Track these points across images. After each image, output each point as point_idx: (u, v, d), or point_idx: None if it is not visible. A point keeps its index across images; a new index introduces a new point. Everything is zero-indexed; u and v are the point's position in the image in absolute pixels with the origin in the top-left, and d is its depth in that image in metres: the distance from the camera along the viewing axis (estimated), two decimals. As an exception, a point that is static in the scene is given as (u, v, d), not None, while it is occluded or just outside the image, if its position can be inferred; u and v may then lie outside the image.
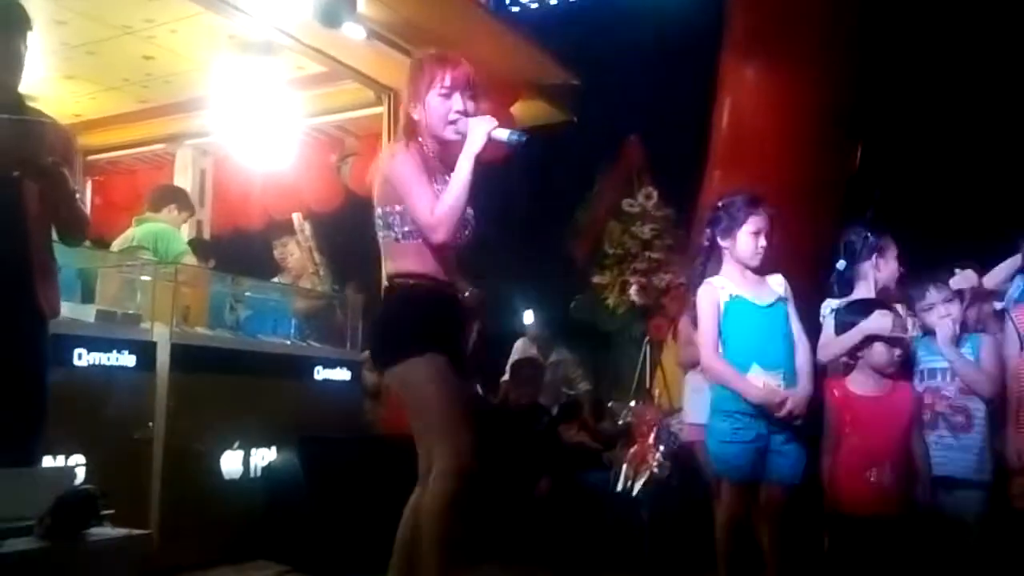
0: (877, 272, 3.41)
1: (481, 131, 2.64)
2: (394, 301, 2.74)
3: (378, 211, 2.73)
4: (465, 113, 2.69)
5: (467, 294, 4.83)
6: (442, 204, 2.61)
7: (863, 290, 3.41)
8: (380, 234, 2.74)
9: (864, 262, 3.43)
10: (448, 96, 2.69)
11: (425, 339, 2.62)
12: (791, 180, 5.59)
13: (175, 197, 5.31)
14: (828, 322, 3.34)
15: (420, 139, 2.73)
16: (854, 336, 3.12)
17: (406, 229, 2.67)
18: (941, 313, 3.22)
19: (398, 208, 2.67)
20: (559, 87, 5.76)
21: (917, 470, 3.06)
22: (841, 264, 3.45)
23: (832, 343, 3.23)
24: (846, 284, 3.44)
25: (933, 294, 3.25)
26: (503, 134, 2.67)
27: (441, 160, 2.74)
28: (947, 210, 6.34)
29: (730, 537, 3.01)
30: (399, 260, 2.72)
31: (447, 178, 2.70)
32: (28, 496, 2.33)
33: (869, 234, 3.44)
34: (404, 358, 2.63)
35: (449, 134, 2.70)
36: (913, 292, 3.33)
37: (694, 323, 3.34)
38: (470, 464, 2.62)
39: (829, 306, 3.41)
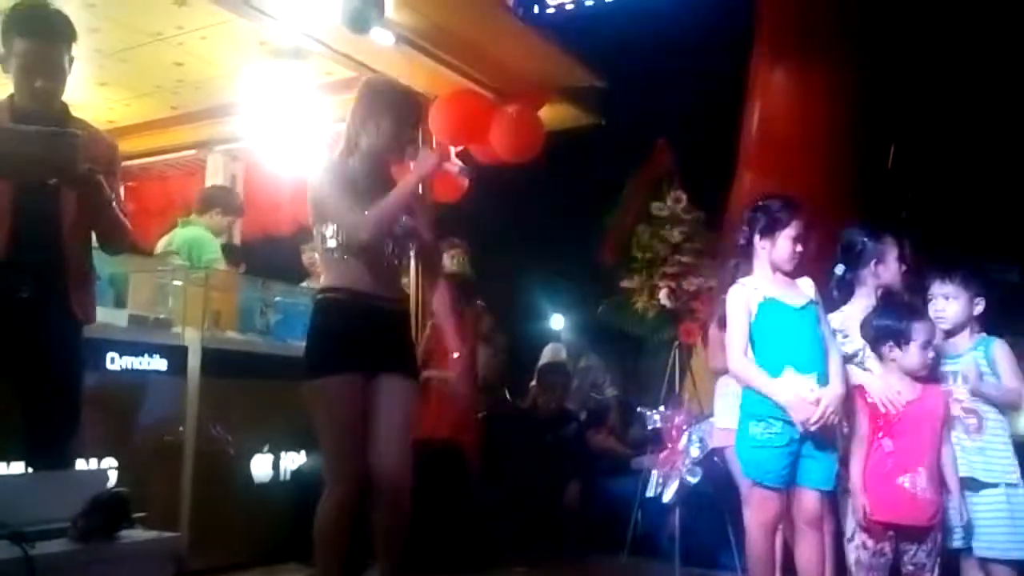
0: (876, 278, 3.33)
1: (433, 159, 2.88)
2: (312, 316, 2.90)
3: (313, 231, 2.91)
4: (414, 141, 2.92)
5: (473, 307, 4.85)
6: (377, 206, 2.76)
7: (863, 295, 3.32)
8: (315, 252, 3.00)
9: (863, 268, 3.34)
10: (404, 123, 2.88)
11: (327, 358, 2.78)
12: (821, 182, 5.54)
13: (221, 201, 5.34)
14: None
15: (353, 158, 2.90)
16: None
17: (331, 244, 2.82)
18: (938, 307, 3.18)
19: (317, 224, 2.85)
20: (587, 90, 5.74)
21: (947, 474, 3.00)
22: (840, 269, 3.38)
23: None
24: (846, 289, 3.37)
25: (945, 286, 3.19)
26: (453, 167, 2.96)
27: (372, 180, 2.88)
28: (980, 210, 6.25)
29: (762, 543, 2.97)
30: (325, 274, 2.90)
31: (384, 186, 2.87)
32: (62, 498, 2.35)
33: (866, 238, 3.36)
34: (309, 376, 2.81)
35: (395, 156, 2.90)
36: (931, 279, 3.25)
37: (723, 326, 3.31)
38: (346, 492, 2.79)
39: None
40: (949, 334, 3.21)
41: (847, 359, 3.14)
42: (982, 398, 3.10)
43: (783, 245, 3.03)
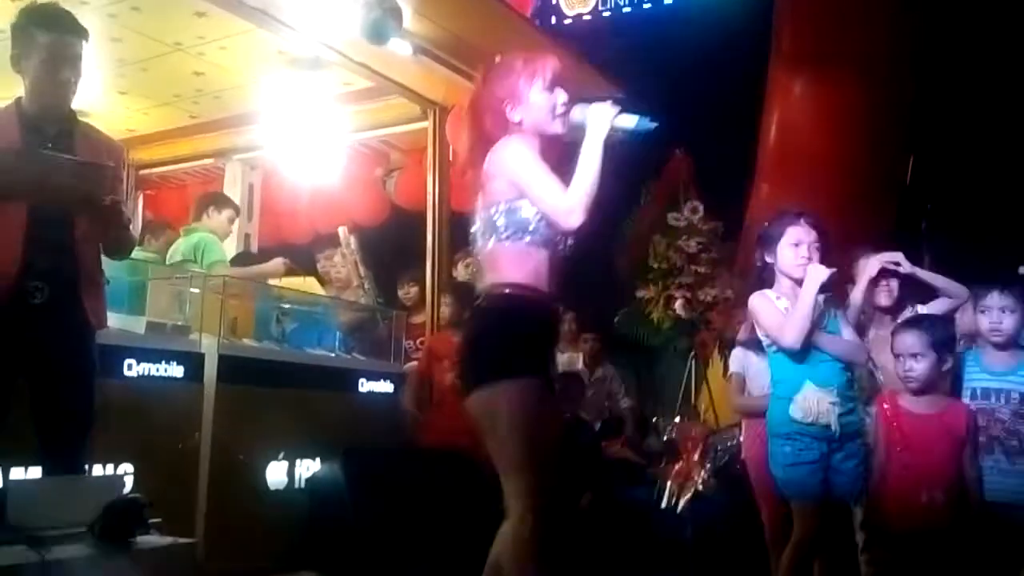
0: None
1: (605, 117, 2.49)
2: (487, 313, 2.49)
3: (481, 216, 2.53)
4: (568, 105, 2.58)
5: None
6: (576, 187, 2.43)
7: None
8: (481, 243, 2.53)
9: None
10: (552, 90, 2.58)
11: (519, 359, 2.38)
12: (840, 193, 5.52)
13: (211, 201, 5.32)
14: None
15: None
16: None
17: (510, 231, 2.46)
18: (994, 320, 3.10)
19: (503, 207, 2.47)
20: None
21: (969, 495, 2.94)
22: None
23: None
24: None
25: (1005, 298, 3.12)
26: (630, 121, 2.51)
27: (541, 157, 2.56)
28: (999, 221, 6.20)
29: (799, 560, 2.94)
30: (498, 267, 2.49)
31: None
32: (78, 503, 2.37)
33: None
34: (492, 380, 2.38)
35: (556, 127, 2.58)
36: (975, 291, 3.19)
37: (753, 346, 3.35)
38: (548, 503, 2.36)
39: None
40: (1001, 348, 3.11)
41: None
42: None
43: (785, 253, 3.05)
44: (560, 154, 2.57)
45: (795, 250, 3.02)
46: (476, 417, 2.44)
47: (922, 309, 3.33)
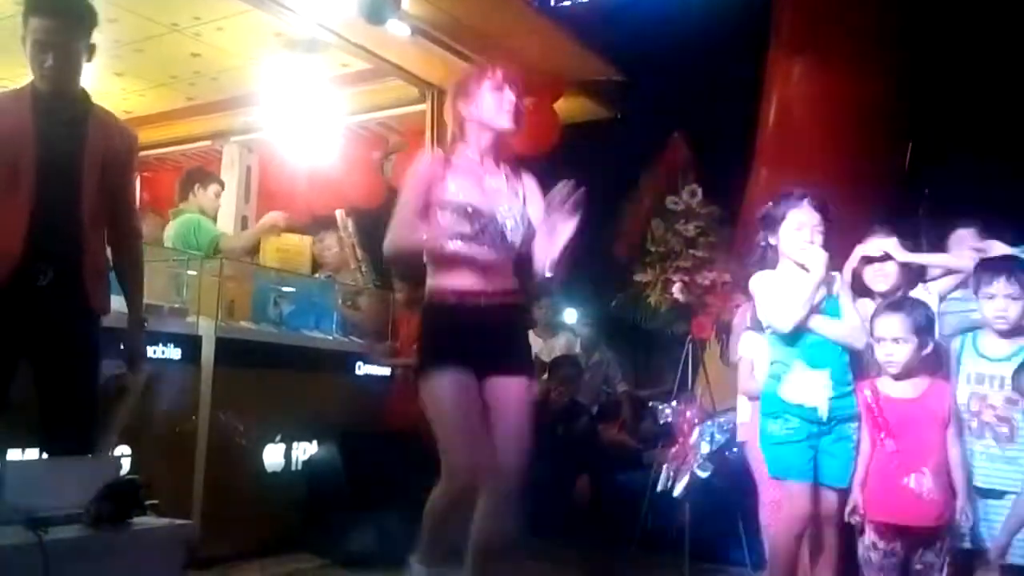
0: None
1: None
2: (422, 314, 2.90)
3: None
4: (517, 104, 2.85)
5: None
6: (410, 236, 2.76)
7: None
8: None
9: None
10: (501, 90, 2.83)
11: (437, 355, 2.74)
12: (839, 178, 5.50)
13: (196, 179, 5.29)
14: None
15: (466, 140, 2.86)
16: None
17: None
18: (1000, 307, 3.07)
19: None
20: (603, 83, 5.73)
21: (955, 477, 2.91)
22: None
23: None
24: None
25: (1011, 286, 3.08)
26: None
27: (491, 154, 2.88)
28: (998, 207, 6.20)
29: (787, 541, 2.94)
30: (429, 271, 2.84)
31: (497, 172, 2.87)
32: (75, 485, 2.37)
33: None
34: (421, 371, 2.77)
35: (505, 123, 2.84)
36: (979, 275, 3.17)
37: (755, 326, 3.35)
38: (462, 486, 2.72)
39: None
40: (1004, 335, 3.06)
41: None
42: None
43: (788, 236, 3.03)
44: (512, 149, 2.93)
45: (798, 234, 3.00)
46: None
47: (933, 286, 3.32)
